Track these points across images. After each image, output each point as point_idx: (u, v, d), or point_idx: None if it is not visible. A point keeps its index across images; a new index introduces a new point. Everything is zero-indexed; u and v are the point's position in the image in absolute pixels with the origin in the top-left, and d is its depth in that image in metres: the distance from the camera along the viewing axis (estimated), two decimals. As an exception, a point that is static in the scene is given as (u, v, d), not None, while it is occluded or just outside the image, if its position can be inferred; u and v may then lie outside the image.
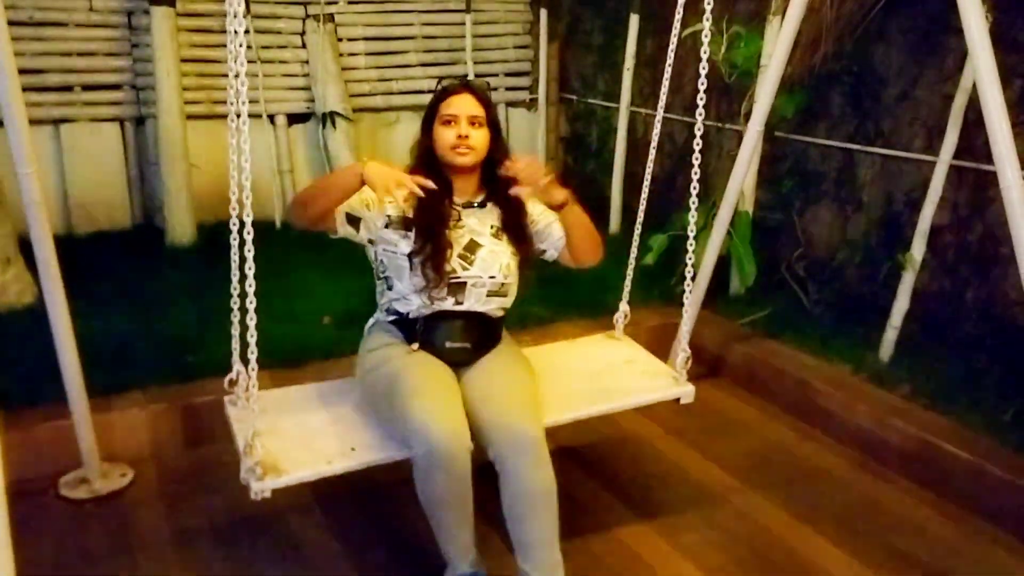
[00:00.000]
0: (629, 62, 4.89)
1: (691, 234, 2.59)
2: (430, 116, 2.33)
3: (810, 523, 2.62)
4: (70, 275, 2.59)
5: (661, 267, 4.00)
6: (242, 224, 2.05)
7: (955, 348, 3.32)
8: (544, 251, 2.47)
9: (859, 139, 3.75)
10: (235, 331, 2.23)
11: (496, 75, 5.91)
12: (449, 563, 2.16)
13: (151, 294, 3.93)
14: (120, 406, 2.97)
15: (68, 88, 4.79)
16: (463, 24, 5.64)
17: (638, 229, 2.91)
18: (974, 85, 2.66)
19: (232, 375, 2.28)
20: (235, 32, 1.84)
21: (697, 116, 2.59)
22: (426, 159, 2.32)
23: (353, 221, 2.25)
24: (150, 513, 2.66)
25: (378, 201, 2.25)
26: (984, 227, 3.26)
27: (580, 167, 5.96)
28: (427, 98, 2.36)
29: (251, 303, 1.98)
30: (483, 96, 2.32)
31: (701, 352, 3.68)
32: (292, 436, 2.22)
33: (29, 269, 3.55)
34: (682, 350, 2.60)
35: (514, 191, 2.28)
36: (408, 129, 5.68)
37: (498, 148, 2.34)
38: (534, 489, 2.06)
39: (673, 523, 2.63)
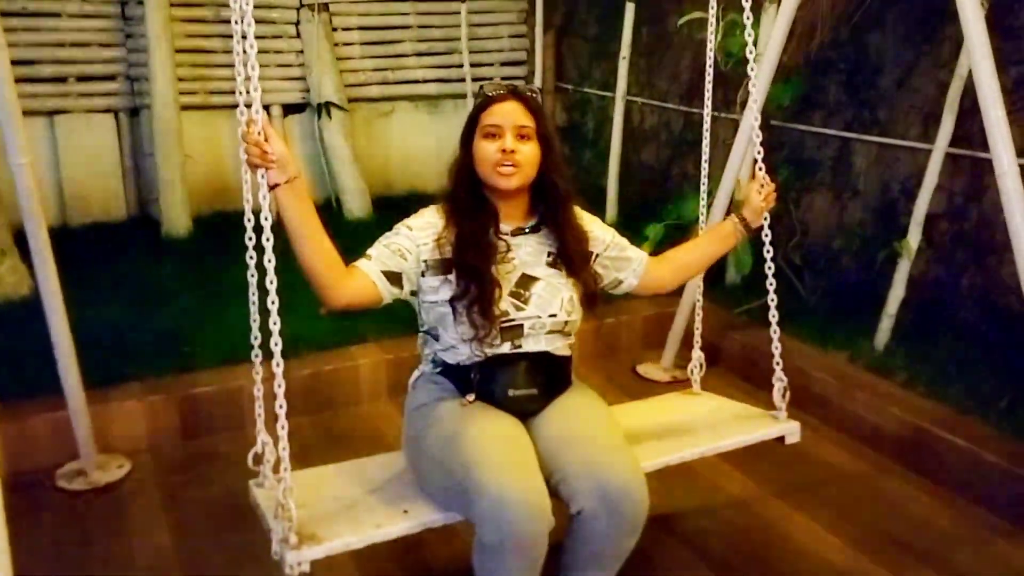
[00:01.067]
0: (625, 51, 4.87)
1: (767, 238, 2.32)
2: (470, 128, 1.96)
3: (805, 510, 2.63)
4: (65, 267, 2.60)
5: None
6: (259, 224, 1.67)
7: (951, 336, 3.33)
8: (621, 281, 2.15)
9: (855, 127, 3.74)
10: (258, 391, 1.97)
11: (491, 64, 5.90)
12: None
13: (147, 285, 3.93)
14: (117, 397, 2.97)
15: (62, 79, 4.78)
16: (458, 13, 5.62)
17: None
18: (970, 72, 2.66)
19: (257, 448, 1.91)
20: (241, 11, 1.68)
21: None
22: (466, 179, 1.96)
23: (394, 279, 1.88)
24: (147, 504, 2.67)
25: (412, 245, 1.90)
26: (980, 214, 3.27)
27: (576, 157, 5.95)
28: (422, 88, 2.28)
29: (278, 365, 1.67)
30: (533, 103, 1.95)
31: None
32: (330, 508, 1.88)
33: (24, 261, 3.55)
34: (777, 379, 2.35)
35: (754, 217, 2.22)
36: (403, 119, 5.68)
37: (551, 164, 1.97)
38: (617, 554, 1.84)
39: (669, 509, 2.63)
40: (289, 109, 5.37)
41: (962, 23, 2.41)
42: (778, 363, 2.35)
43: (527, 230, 2.02)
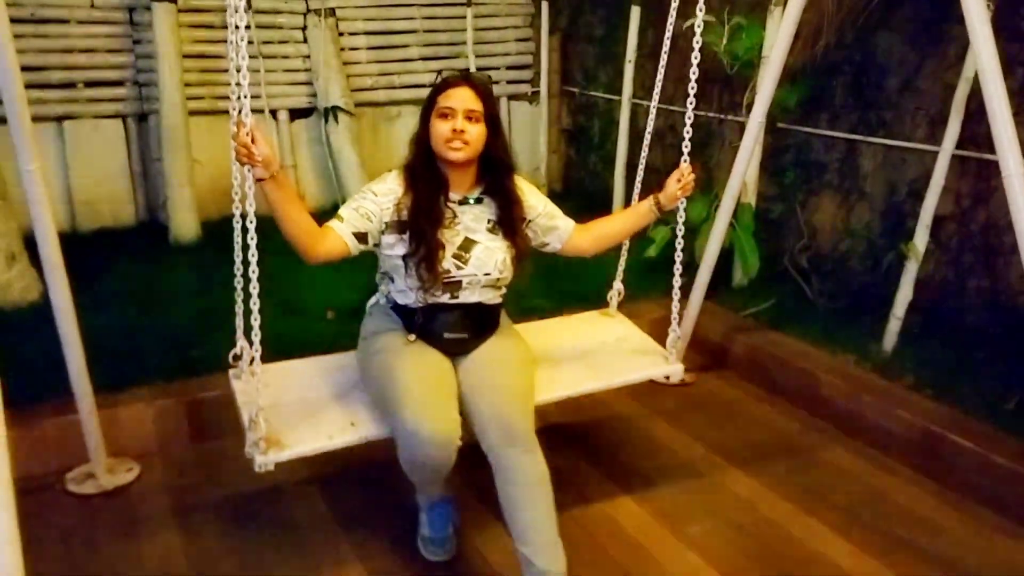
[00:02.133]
0: (631, 54, 4.88)
1: (680, 219, 2.69)
2: (428, 108, 2.30)
3: (814, 513, 2.63)
4: (75, 272, 2.61)
5: (665, 260, 3.99)
6: (244, 210, 2.07)
7: (958, 338, 3.32)
8: (547, 244, 2.52)
9: (861, 129, 3.74)
10: (239, 309, 2.30)
11: (497, 68, 5.90)
12: (420, 492, 2.35)
13: (155, 290, 3.94)
14: (126, 401, 2.98)
15: (71, 85, 4.80)
16: (464, 17, 5.63)
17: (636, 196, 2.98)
18: (976, 74, 2.66)
19: (236, 350, 2.33)
20: (236, 27, 1.86)
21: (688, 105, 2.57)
22: (422, 152, 2.31)
23: (362, 238, 2.23)
24: (156, 508, 2.67)
25: (377, 209, 2.25)
26: (987, 216, 3.26)
27: (582, 160, 5.96)
28: (428, 92, 2.36)
29: (255, 287, 2.06)
30: (482, 89, 2.29)
31: (705, 343, 3.69)
32: (294, 411, 2.30)
33: (34, 266, 3.57)
34: (672, 329, 2.68)
35: (667, 201, 2.54)
36: (410, 123, 5.62)
37: (496, 143, 2.32)
38: (527, 479, 2.11)
39: (676, 511, 2.64)
40: (296, 114, 5.39)
41: (968, 25, 2.41)
42: (675, 318, 2.69)
43: (472, 200, 2.35)
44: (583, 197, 5.64)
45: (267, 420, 2.12)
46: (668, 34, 2.79)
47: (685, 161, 2.58)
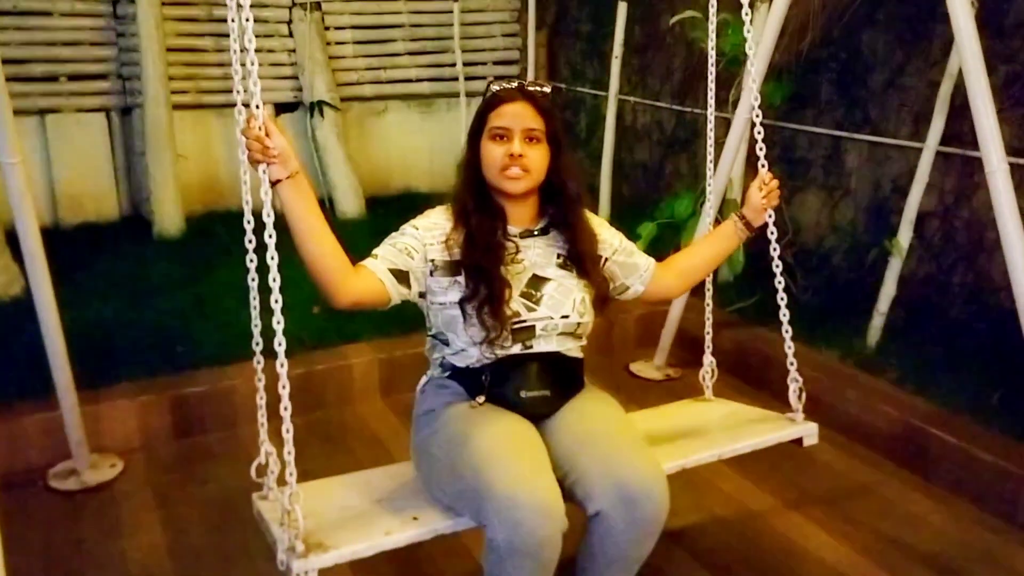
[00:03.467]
0: (617, 50, 4.88)
1: (772, 235, 2.29)
2: (477, 128, 1.92)
3: (799, 508, 2.64)
4: (57, 267, 2.59)
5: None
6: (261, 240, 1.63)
7: (942, 333, 3.34)
8: (628, 287, 2.12)
9: (846, 126, 3.76)
10: (260, 399, 1.87)
11: (484, 63, 5.90)
12: None
13: (139, 285, 3.92)
14: (109, 397, 2.97)
15: (53, 78, 4.77)
16: (451, 12, 5.62)
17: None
18: (960, 71, 2.67)
19: (260, 458, 1.83)
20: (239, 5, 1.64)
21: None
22: (473, 180, 1.92)
23: (402, 277, 1.82)
24: (140, 504, 2.66)
25: (419, 244, 1.86)
26: (970, 213, 3.28)
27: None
28: (415, 87, 2.25)
29: (282, 365, 1.61)
30: (543, 104, 1.90)
31: (689, 339, 3.68)
32: (336, 516, 1.81)
33: (16, 261, 3.54)
34: (792, 379, 2.30)
35: (755, 215, 2.17)
36: (396, 118, 5.68)
37: (560, 165, 1.94)
38: (637, 557, 1.79)
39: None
40: (281, 108, 5.36)
41: (952, 22, 2.42)
42: (792, 363, 2.31)
43: (536, 232, 1.98)
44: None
45: (305, 523, 1.65)
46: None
47: (763, 167, 2.22)
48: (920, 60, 3.42)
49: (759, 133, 2.24)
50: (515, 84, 1.91)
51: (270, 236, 1.58)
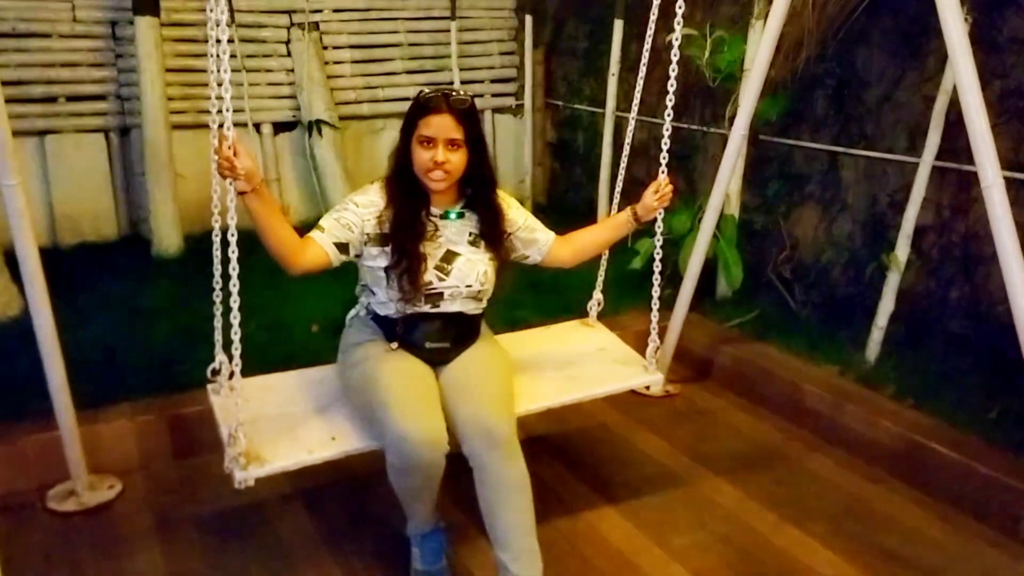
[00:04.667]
0: (614, 67, 4.91)
1: (658, 229, 2.70)
2: (408, 127, 2.29)
3: (798, 523, 2.63)
4: (56, 287, 2.59)
5: (651, 271, 4.00)
6: (224, 223, 2.06)
7: (941, 347, 3.34)
8: (527, 256, 2.54)
9: (843, 141, 3.77)
10: (218, 323, 2.30)
11: (482, 81, 5.93)
12: (411, 522, 2.31)
13: (138, 305, 3.91)
14: (107, 418, 2.96)
15: (52, 99, 4.77)
16: (448, 31, 5.65)
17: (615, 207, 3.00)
18: (955, 87, 2.69)
19: (215, 364, 2.34)
20: (217, 40, 1.86)
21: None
22: (403, 167, 2.31)
23: (343, 248, 2.24)
24: (139, 524, 2.65)
25: (358, 220, 2.26)
26: (967, 227, 3.29)
27: (567, 172, 5.98)
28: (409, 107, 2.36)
29: (235, 301, 2.02)
30: (464, 114, 2.24)
31: (689, 354, 3.70)
32: (274, 426, 2.28)
33: (15, 281, 3.54)
34: (652, 340, 2.71)
35: (644, 213, 2.55)
36: (394, 137, 5.63)
37: (479, 162, 2.31)
38: (507, 483, 2.11)
39: (661, 522, 2.64)
40: (280, 127, 5.38)
41: (946, 38, 2.44)
42: (654, 328, 2.75)
43: (454, 215, 2.36)
44: (567, 210, 5.65)
45: (247, 435, 2.10)
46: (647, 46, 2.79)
47: (663, 173, 2.60)
48: (915, 75, 3.44)
49: (667, 131, 2.60)
50: (440, 94, 2.25)
51: (233, 252, 2.00)
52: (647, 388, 2.74)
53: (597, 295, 2.99)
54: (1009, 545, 2.52)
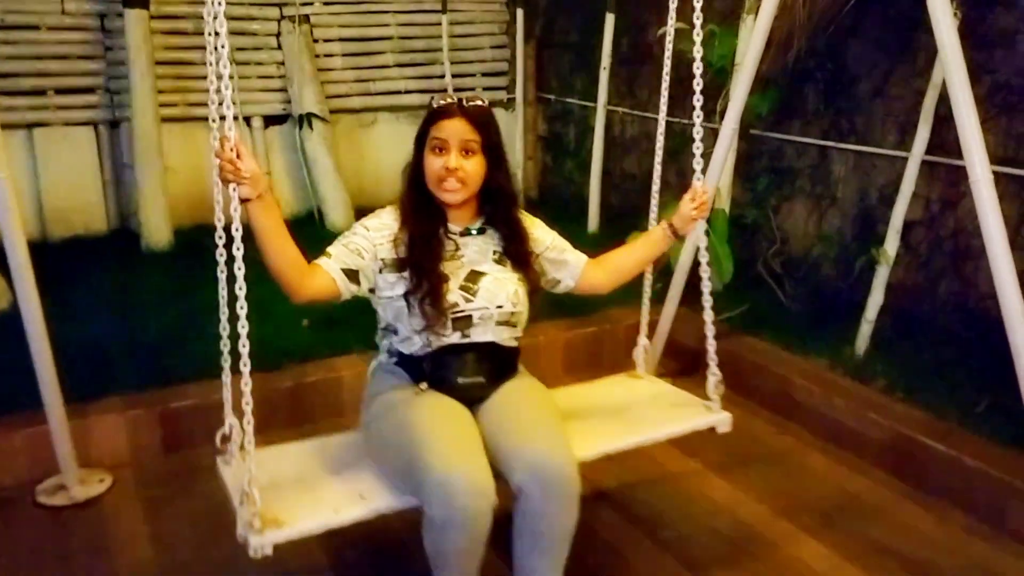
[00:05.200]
0: (605, 61, 4.91)
1: (703, 245, 2.46)
2: (420, 138, 2.10)
3: (788, 516, 2.64)
4: (45, 281, 2.58)
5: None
6: (230, 245, 1.79)
7: (929, 341, 3.36)
8: (559, 281, 2.29)
9: (833, 135, 3.78)
10: (226, 378, 2.00)
11: (473, 75, 5.92)
12: None
13: (127, 299, 3.90)
14: (97, 411, 2.95)
15: (41, 92, 4.76)
16: (439, 24, 5.64)
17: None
18: (944, 81, 2.70)
19: (224, 429, 2.01)
20: (215, 32, 1.72)
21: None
22: (416, 184, 2.10)
23: (352, 276, 2.02)
24: (129, 518, 2.65)
25: (369, 245, 2.05)
26: (956, 221, 3.31)
27: (558, 166, 5.98)
28: (404, 99, 2.31)
29: (244, 346, 1.80)
30: (479, 118, 2.05)
31: (679, 348, 3.70)
32: (292, 490, 1.99)
33: (3, 275, 3.52)
34: (711, 373, 2.43)
35: (682, 225, 2.32)
36: (385, 130, 5.68)
37: (498, 175, 2.11)
38: (557, 532, 1.92)
39: (652, 516, 2.65)
40: (270, 120, 5.37)
41: (935, 33, 2.44)
42: (713, 359, 2.46)
43: (474, 232, 2.15)
44: (559, 204, 5.66)
45: (262, 498, 1.81)
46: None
47: (697, 180, 2.35)
48: (905, 70, 3.45)
49: (699, 135, 2.36)
50: (454, 100, 2.07)
51: (238, 248, 1.72)
52: (711, 430, 2.42)
53: (643, 340, 2.66)
54: (996, 536, 2.53)
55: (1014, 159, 3.04)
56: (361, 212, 5.75)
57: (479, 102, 2.08)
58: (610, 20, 4.82)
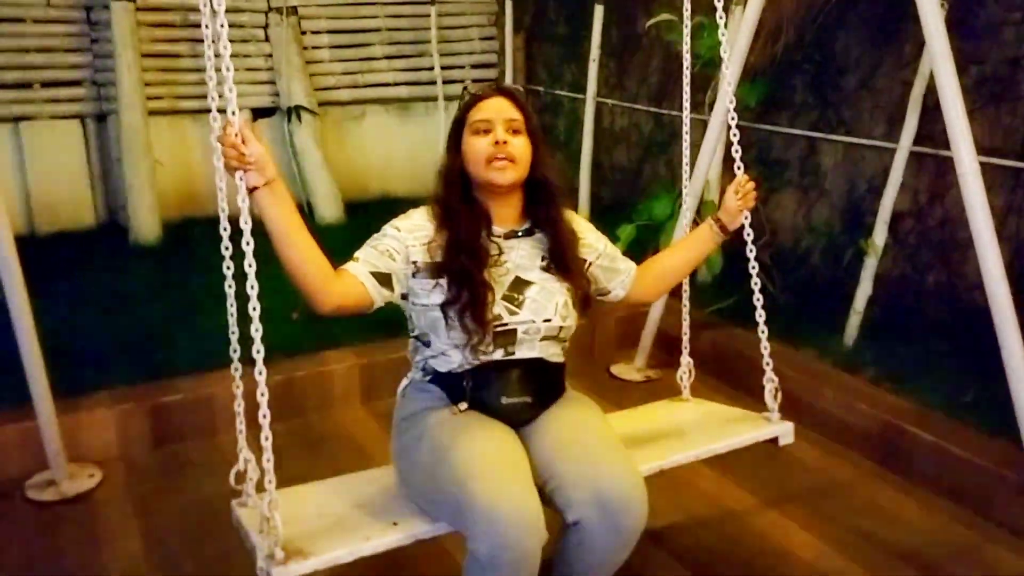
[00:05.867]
0: (594, 53, 4.90)
1: (749, 236, 2.28)
2: (457, 130, 1.93)
3: (776, 506, 2.66)
4: (33, 275, 2.57)
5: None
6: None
7: (917, 332, 3.38)
8: (609, 292, 2.12)
9: (821, 127, 3.79)
10: (238, 406, 1.84)
11: (462, 67, 5.91)
12: None
13: (116, 293, 3.89)
14: (86, 406, 2.94)
15: (27, 85, 4.73)
16: (428, 16, 5.63)
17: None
18: (931, 72, 2.70)
19: (239, 465, 1.80)
20: (214, 12, 1.64)
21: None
22: (456, 183, 1.91)
23: (385, 281, 1.81)
24: (119, 514, 2.64)
25: (401, 246, 1.85)
26: (944, 212, 3.32)
27: (548, 158, 5.97)
28: (393, 91, 2.25)
29: (260, 373, 1.61)
30: (520, 100, 1.94)
31: (668, 340, 3.70)
32: (316, 523, 1.80)
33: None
34: (768, 380, 2.32)
35: (730, 219, 2.17)
36: (374, 122, 5.67)
37: (542, 161, 1.93)
38: (610, 567, 1.79)
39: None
40: (259, 113, 5.34)
41: (922, 24, 2.45)
42: (768, 363, 2.32)
43: (520, 233, 1.96)
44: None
45: (284, 529, 1.63)
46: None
47: (739, 170, 2.22)
48: (892, 61, 3.46)
49: (735, 136, 2.26)
50: (491, 84, 1.90)
51: (247, 243, 1.57)
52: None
53: (686, 360, 2.50)
54: (983, 526, 2.55)
55: (1001, 150, 3.06)
56: (351, 205, 5.78)
57: (516, 88, 1.95)
58: (599, 11, 4.81)
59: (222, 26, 1.58)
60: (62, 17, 4.74)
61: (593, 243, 2.08)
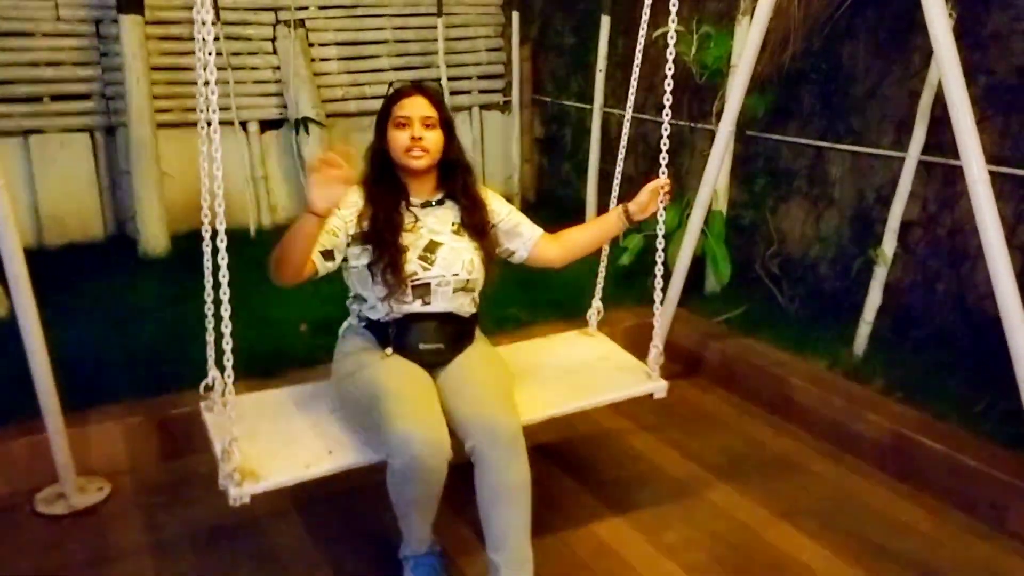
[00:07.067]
0: (601, 63, 4.91)
1: (660, 232, 2.64)
2: (383, 119, 2.34)
3: (788, 518, 2.64)
4: (42, 288, 2.58)
5: (638, 267, 4.01)
6: (214, 232, 2.05)
7: (927, 341, 3.36)
8: (513, 252, 2.52)
9: (829, 136, 3.78)
10: (210, 337, 2.23)
11: (469, 78, 5.92)
12: (406, 542, 2.26)
13: (125, 306, 3.89)
14: (95, 419, 2.94)
15: (37, 99, 4.74)
16: (435, 28, 5.64)
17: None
18: (940, 82, 2.70)
19: (208, 380, 2.30)
20: (203, 40, 1.83)
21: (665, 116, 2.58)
22: (380, 162, 2.34)
23: (328, 255, 2.23)
24: (128, 527, 2.64)
25: (342, 223, 2.25)
26: (953, 221, 3.31)
27: (555, 169, 5.98)
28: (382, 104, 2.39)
29: (226, 310, 1.99)
30: (435, 97, 2.35)
31: (678, 350, 3.70)
32: (269, 441, 2.24)
33: (0, 283, 3.51)
34: (654, 346, 2.65)
35: (638, 211, 2.53)
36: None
37: (453, 147, 2.37)
38: (509, 481, 2.09)
39: (652, 520, 2.64)
40: (266, 125, 5.36)
41: (931, 33, 2.45)
42: (657, 332, 2.66)
43: (434, 203, 2.38)
44: (556, 206, 5.66)
45: (241, 451, 2.06)
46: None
47: (663, 173, 2.57)
48: (900, 70, 3.45)
49: (666, 129, 2.56)
50: (411, 83, 2.48)
51: (223, 259, 1.95)
52: (650, 396, 2.64)
53: (597, 303, 2.93)
54: (996, 537, 2.53)
55: (1010, 159, 3.05)
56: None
57: (433, 86, 2.24)
58: (605, 22, 4.82)
59: (211, 54, 1.95)
60: (71, 31, 4.77)
61: (497, 209, 2.47)
